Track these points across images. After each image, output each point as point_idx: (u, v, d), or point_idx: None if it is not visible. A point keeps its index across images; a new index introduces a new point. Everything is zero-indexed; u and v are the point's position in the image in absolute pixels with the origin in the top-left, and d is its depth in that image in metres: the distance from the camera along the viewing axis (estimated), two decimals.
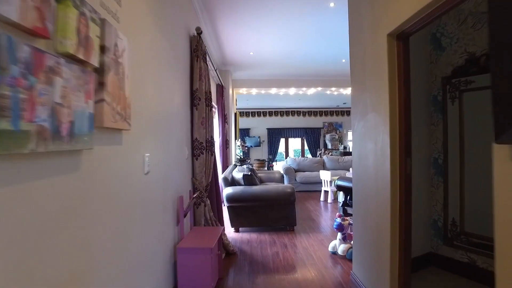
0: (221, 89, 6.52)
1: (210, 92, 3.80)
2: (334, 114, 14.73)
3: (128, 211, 1.67)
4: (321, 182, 7.78)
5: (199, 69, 3.47)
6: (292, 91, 9.25)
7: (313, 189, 7.91)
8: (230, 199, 4.33)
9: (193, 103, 3.41)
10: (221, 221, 3.92)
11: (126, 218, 1.65)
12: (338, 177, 4.82)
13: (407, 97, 2.10)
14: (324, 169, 8.47)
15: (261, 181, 6.38)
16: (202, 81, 3.50)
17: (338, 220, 3.45)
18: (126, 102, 1.59)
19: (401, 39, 2.10)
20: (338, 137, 14.32)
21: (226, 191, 4.40)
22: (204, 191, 3.48)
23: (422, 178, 3.23)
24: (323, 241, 4.04)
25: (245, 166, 5.41)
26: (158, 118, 2.27)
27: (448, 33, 3.14)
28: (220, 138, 6.30)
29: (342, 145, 14.00)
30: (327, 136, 14.31)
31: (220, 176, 4.94)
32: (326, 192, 6.83)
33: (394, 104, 2.07)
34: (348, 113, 14.65)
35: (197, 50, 3.50)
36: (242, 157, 7.79)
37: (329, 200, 6.45)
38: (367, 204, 2.45)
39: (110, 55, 1.41)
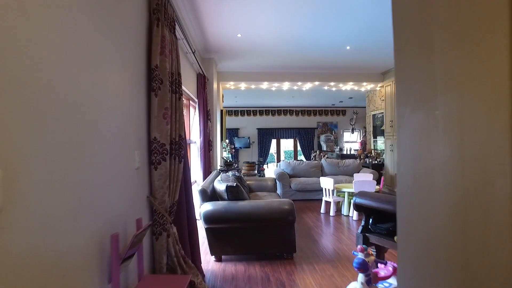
0: (202, 80, 5.45)
1: (179, 75, 2.73)
2: (329, 113, 13.79)
3: None
4: (321, 190, 6.78)
5: (162, 39, 2.40)
6: (285, 86, 8.22)
7: (310, 197, 6.89)
8: (210, 218, 3.27)
9: (150, 87, 2.33)
10: (195, 255, 2.84)
11: None
12: (355, 193, 3.82)
13: None
14: (322, 174, 7.46)
15: (251, 190, 5.33)
16: (166, 57, 2.43)
17: (360, 255, 2.42)
18: None
19: None
20: (334, 138, 13.37)
21: (204, 208, 3.33)
22: (168, 214, 2.41)
23: None
24: (333, 277, 3.01)
25: (230, 173, 4.35)
26: (62, 106, 1.20)
27: None
28: (201, 138, 5.23)
29: (338, 147, 13.05)
30: (322, 137, 13.35)
31: (198, 187, 3.86)
32: (327, 202, 5.82)
33: None
34: (343, 112, 13.74)
35: (158, 11, 2.43)
36: (229, 160, 6.74)
37: (332, 213, 5.43)
38: (435, 249, 1.43)
39: None
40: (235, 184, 3.40)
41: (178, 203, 2.57)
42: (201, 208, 3.38)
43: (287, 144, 15.78)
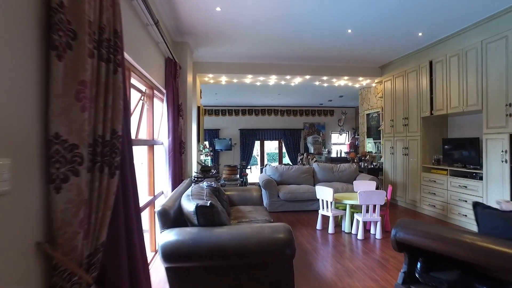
0: (173, 67, 4.41)
1: (117, 34, 1.69)
2: (316, 114, 12.95)
3: None
4: (315, 200, 5.84)
5: None
6: (272, 80, 7.25)
7: (302, 208, 5.92)
8: (172, 254, 2.23)
9: (50, 42, 1.29)
10: None
11: None
12: (398, 226, 2.92)
13: None
14: (315, 181, 6.52)
15: (232, 204, 4.30)
16: None
17: None
18: None
19: None
20: (322, 140, 12.51)
21: (165, 238, 2.29)
22: (85, 271, 1.37)
23: None
24: None
25: (205, 184, 3.32)
26: None
27: None
28: (170, 138, 4.17)
29: (326, 149, 12.20)
30: (309, 139, 12.46)
31: (157, 206, 2.78)
32: (324, 217, 4.87)
33: None
34: (331, 112, 12.93)
35: None
36: (206, 164, 5.69)
37: (330, 230, 4.48)
38: None
39: None
40: (208, 204, 2.37)
41: (108, 248, 1.52)
42: (160, 238, 2.33)
43: (272, 146, 14.85)
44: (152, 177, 3.70)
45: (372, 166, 7.52)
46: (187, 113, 5.13)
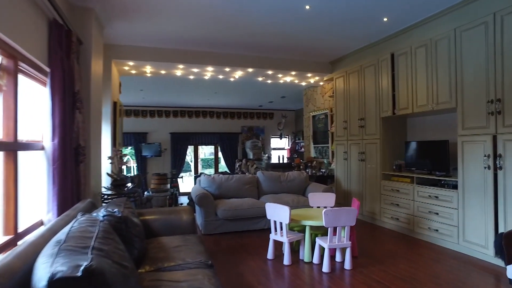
0: (63, 35, 3.01)
1: None
2: (255, 116, 12.08)
3: None
4: (262, 217, 4.79)
5: None
6: (208, 73, 6.09)
7: (246, 228, 4.82)
8: None
9: None
10: None
11: None
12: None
13: None
14: (259, 193, 5.48)
15: (152, 234, 3.00)
16: None
17: None
18: None
19: None
20: (261, 145, 11.64)
21: None
22: None
23: None
24: None
25: (101, 214, 2.03)
26: None
27: None
28: (57, 140, 2.76)
29: (266, 155, 11.34)
30: (248, 143, 11.50)
31: None
32: (277, 243, 3.83)
33: None
34: (271, 115, 12.17)
35: None
36: (120, 177, 4.27)
37: (286, 261, 3.43)
38: None
39: None
40: (80, 273, 1.13)
41: None
42: None
43: (207, 152, 13.59)
44: (13, 203, 2.26)
45: (321, 173, 6.77)
46: (93, 108, 3.72)
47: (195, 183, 5.97)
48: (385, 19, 4.14)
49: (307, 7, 3.73)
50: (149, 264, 2.25)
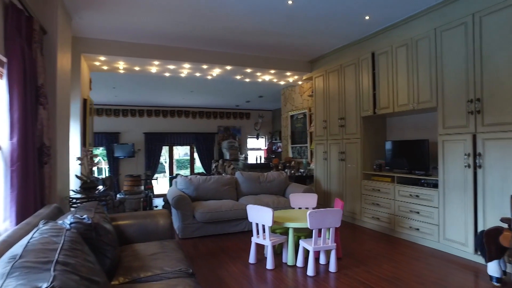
0: (23, 21, 2.72)
1: None
2: (232, 116, 11.89)
3: None
4: (242, 220, 4.63)
5: None
6: (185, 70, 5.86)
7: (226, 231, 4.63)
8: None
9: None
10: None
11: None
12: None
13: None
14: (238, 195, 5.32)
15: (126, 241, 2.77)
16: None
17: None
18: None
19: None
20: (238, 145, 11.47)
21: None
22: None
23: None
24: None
25: (68, 222, 1.81)
26: None
27: None
28: (16, 139, 2.48)
29: (243, 155, 11.19)
30: (224, 144, 11.29)
31: None
32: (260, 246, 3.68)
33: None
34: (248, 115, 12.02)
35: None
36: (90, 179, 3.97)
37: (269, 265, 3.29)
38: None
39: None
40: None
41: None
42: None
43: (182, 152, 13.27)
44: None
45: (299, 174, 6.70)
46: (59, 104, 3.42)
47: (170, 185, 5.71)
48: (367, 17, 4.10)
49: (290, 2, 3.61)
50: (123, 275, 2.04)
